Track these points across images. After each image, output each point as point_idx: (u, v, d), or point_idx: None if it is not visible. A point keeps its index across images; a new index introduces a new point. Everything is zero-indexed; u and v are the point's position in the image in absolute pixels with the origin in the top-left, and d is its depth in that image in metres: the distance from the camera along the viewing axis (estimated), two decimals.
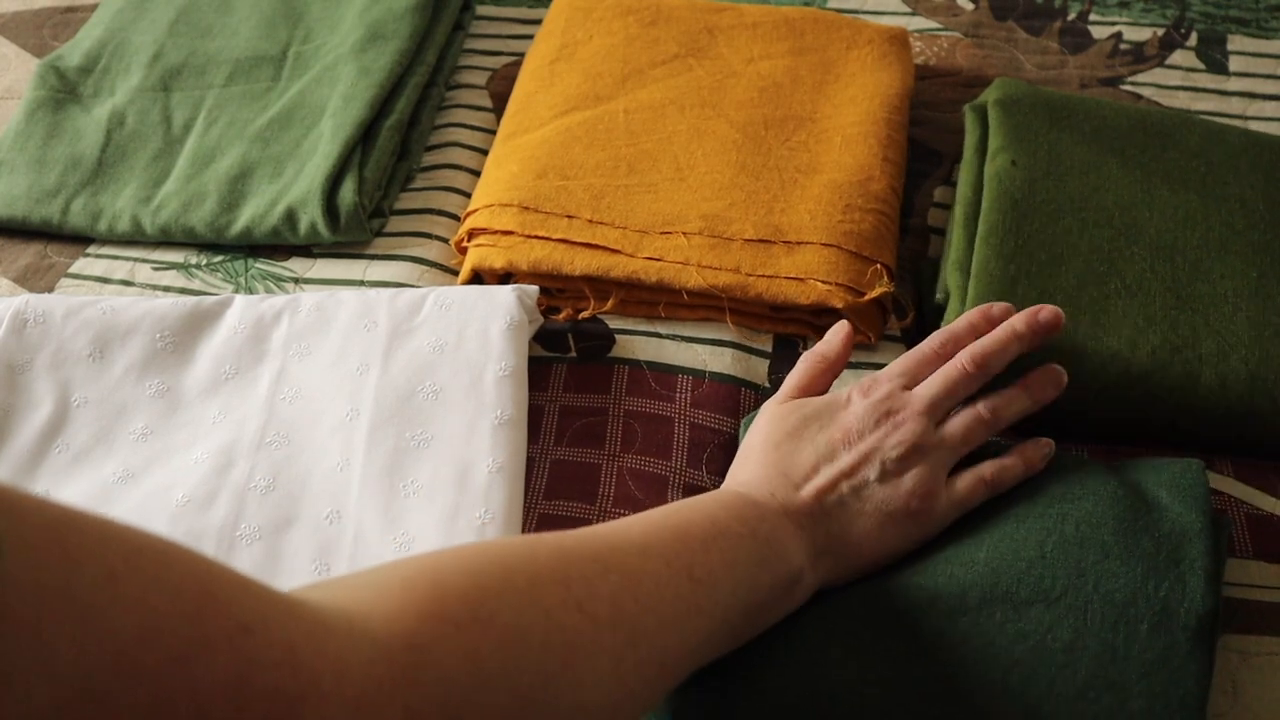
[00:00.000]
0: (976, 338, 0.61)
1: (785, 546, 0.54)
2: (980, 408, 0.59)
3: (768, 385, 0.71)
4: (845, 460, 0.57)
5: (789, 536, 0.54)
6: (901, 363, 0.61)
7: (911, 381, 0.60)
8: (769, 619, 0.54)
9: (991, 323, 0.62)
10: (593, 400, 0.69)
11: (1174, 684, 0.52)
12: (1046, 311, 0.61)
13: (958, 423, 0.59)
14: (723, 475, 0.65)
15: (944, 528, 0.57)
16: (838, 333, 0.64)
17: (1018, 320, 0.61)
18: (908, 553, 0.57)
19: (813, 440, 0.57)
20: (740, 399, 0.69)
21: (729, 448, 0.67)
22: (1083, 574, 0.55)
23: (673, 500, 0.64)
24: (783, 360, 0.72)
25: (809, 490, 0.56)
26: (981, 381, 0.60)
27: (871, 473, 0.56)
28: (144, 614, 0.32)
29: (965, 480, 0.58)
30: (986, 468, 0.58)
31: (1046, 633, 0.53)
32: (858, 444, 0.57)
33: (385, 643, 0.39)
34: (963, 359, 0.60)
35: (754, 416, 0.65)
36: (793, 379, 0.62)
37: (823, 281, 0.70)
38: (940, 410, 0.59)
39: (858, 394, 0.59)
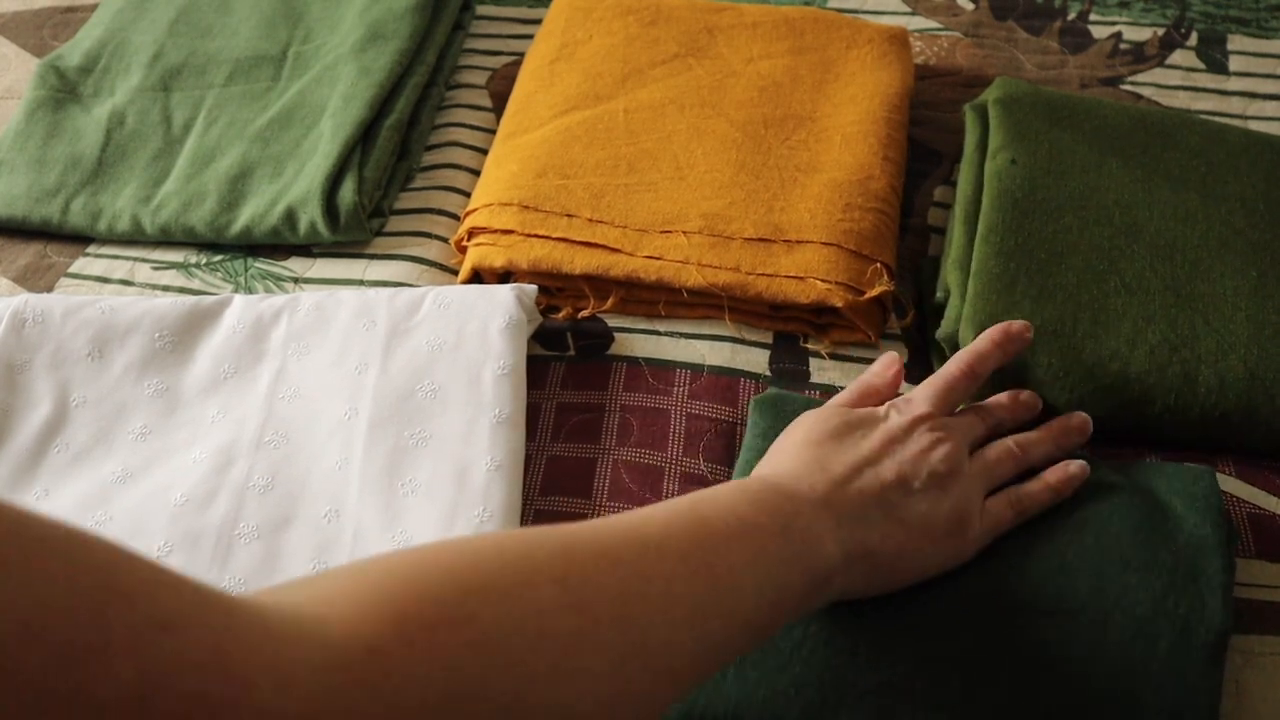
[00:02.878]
0: (1002, 354, 0.62)
1: (820, 542, 0.51)
2: (1012, 444, 0.60)
3: (768, 374, 0.71)
4: (889, 465, 0.55)
5: (826, 532, 0.51)
6: (932, 386, 0.60)
7: (944, 404, 0.59)
8: (791, 619, 0.52)
9: (1011, 339, 0.63)
10: (590, 397, 0.69)
11: (1189, 701, 0.51)
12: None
13: (991, 454, 0.59)
14: (720, 462, 0.65)
15: (977, 553, 0.56)
16: (889, 366, 0.63)
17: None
18: (934, 576, 0.55)
19: (855, 444, 0.56)
20: (740, 388, 0.69)
21: (727, 435, 0.67)
22: (1103, 587, 0.54)
23: (668, 492, 0.64)
24: (783, 351, 0.72)
25: (851, 488, 0.53)
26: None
27: (916, 482, 0.55)
28: (29, 609, 0.28)
29: (997, 504, 0.57)
30: (1016, 493, 0.58)
31: (1064, 645, 0.53)
32: (901, 452, 0.56)
33: (341, 647, 0.35)
34: (1005, 402, 0.62)
35: (764, 398, 0.64)
36: (840, 397, 0.62)
37: (823, 280, 0.70)
38: (977, 443, 0.59)
39: (896, 411, 0.58)
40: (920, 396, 0.59)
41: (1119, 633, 0.53)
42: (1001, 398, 0.63)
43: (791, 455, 0.56)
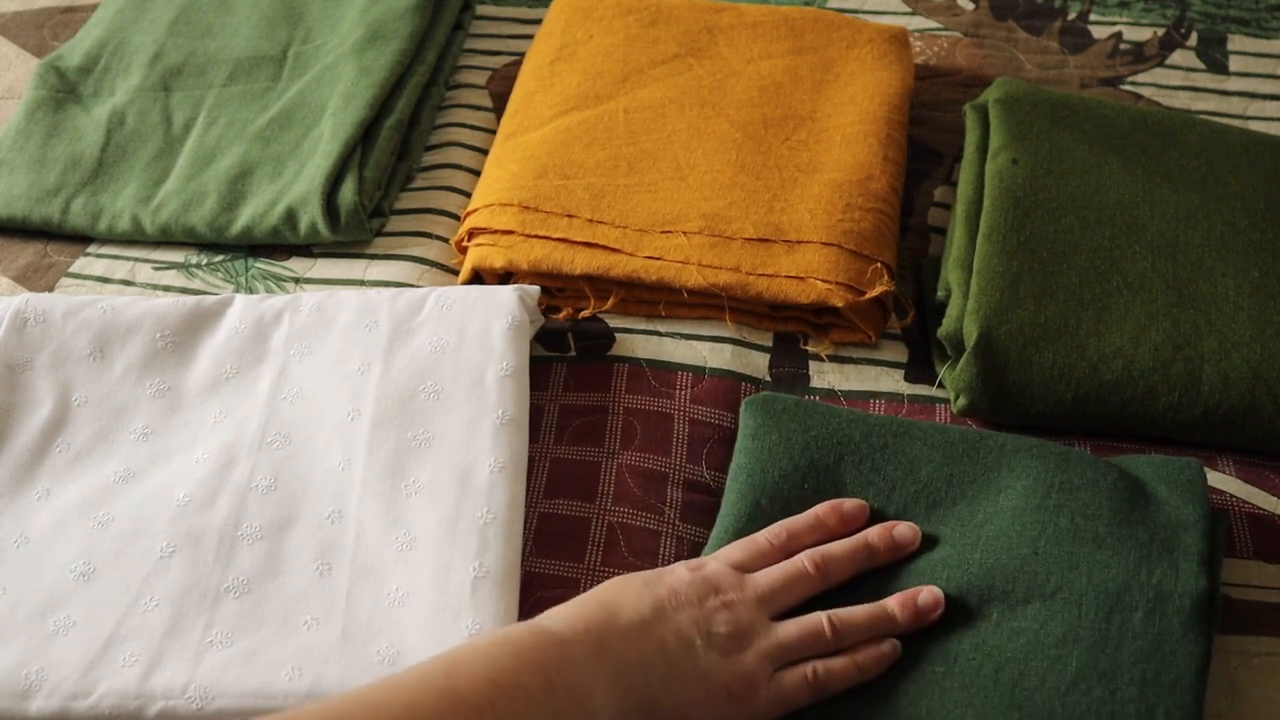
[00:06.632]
0: (821, 535, 0.58)
1: (589, 695, 0.49)
2: (824, 621, 0.54)
3: (768, 379, 0.71)
4: (673, 617, 0.52)
5: (597, 681, 0.50)
6: (736, 550, 0.57)
7: (743, 570, 0.56)
8: None
9: (842, 520, 0.59)
10: (592, 399, 0.69)
11: (1165, 669, 0.52)
12: (903, 528, 0.58)
13: (793, 628, 0.54)
14: (722, 470, 0.65)
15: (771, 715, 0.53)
16: None
17: (873, 533, 0.58)
18: None
19: (638, 592, 0.53)
20: (740, 393, 0.69)
21: (729, 442, 0.67)
22: (1075, 567, 0.55)
23: (672, 499, 0.64)
24: (783, 354, 0.72)
25: (632, 634, 0.51)
26: (823, 587, 0.56)
27: (699, 640, 0.52)
28: None
29: (790, 678, 0.53)
30: (813, 667, 0.53)
31: (1040, 628, 0.54)
32: (685, 609, 0.53)
33: None
34: (804, 559, 0.56)
35: (755, 398, 0.64)
36: None
37: (823, 280, 0.70)
38: (776, 604, 0.55)
39: (684, 567, 0.56)
40: (715, 557, 0.57)
41: (1094, 608, 0.54)
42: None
43: (578, 601, 0.54)
